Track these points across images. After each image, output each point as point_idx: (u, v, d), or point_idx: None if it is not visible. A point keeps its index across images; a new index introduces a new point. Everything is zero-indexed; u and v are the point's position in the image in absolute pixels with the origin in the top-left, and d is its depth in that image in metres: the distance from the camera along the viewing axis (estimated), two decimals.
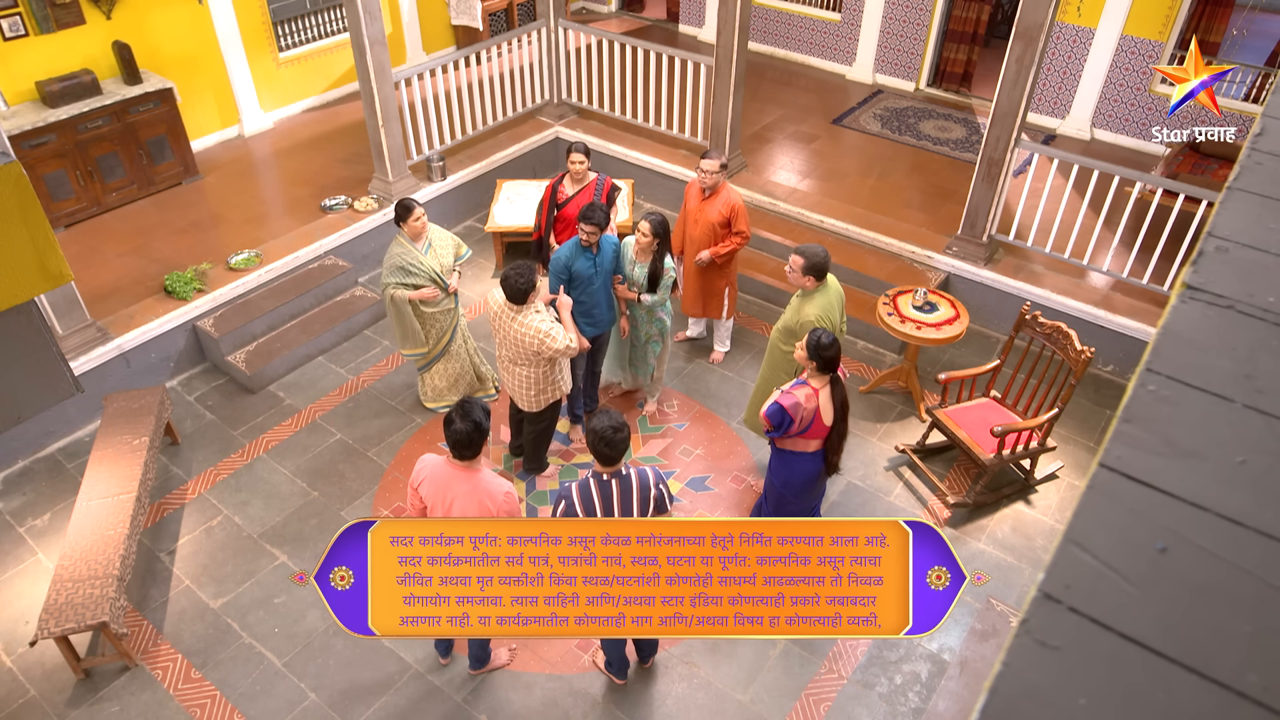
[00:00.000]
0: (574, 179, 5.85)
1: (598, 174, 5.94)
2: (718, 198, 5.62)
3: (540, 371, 4.82)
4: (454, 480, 3.57)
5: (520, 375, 4.86)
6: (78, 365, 5.49)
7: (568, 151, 5.84)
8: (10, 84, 6.72)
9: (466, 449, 3.51)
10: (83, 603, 4.19)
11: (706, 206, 5.64)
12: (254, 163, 8.04)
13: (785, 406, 4.12)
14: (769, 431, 4.26)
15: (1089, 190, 5.96)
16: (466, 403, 3.52)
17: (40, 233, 2.74)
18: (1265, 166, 1.24)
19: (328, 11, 8.79)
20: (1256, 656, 0.70)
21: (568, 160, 5.81)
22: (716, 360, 6.34)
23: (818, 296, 4.68)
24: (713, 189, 5.61)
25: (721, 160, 5.56)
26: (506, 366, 4.91)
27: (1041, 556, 4.96)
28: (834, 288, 4.78)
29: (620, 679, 4.35)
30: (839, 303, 4.78)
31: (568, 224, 5.84)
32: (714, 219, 5.62)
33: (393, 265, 5.20)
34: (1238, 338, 0.97)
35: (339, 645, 4.52)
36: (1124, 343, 6.07)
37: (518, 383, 4.90)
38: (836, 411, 4.18)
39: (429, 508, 3.67)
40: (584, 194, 5.82)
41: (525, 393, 4.92)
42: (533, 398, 4.94)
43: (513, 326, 4.65)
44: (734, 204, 5.61)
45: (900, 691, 4.37)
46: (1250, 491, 0.83)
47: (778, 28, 10.14)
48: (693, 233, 5.76)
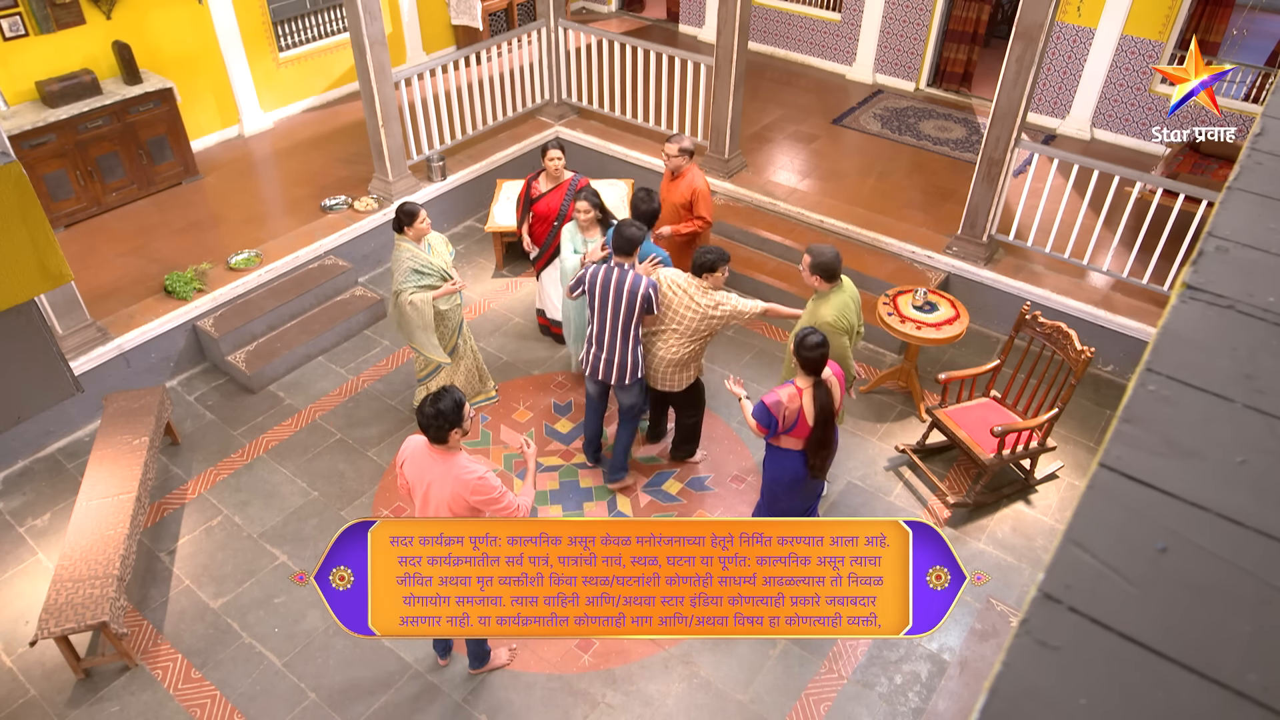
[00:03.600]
0: (549, 176, 5.87)
1: (574, 173, 5.96)
2: (682, 180, 5.76)
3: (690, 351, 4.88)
4: (431, 462, 3.63)
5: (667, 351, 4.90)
6: (78, 365, 5.49)
7: (544, 149, 5.86)
8: (10, 84, 6.73)
9: (432, 433, 3.56)
10: (83, 603, 4.19)
11: (672, 188, 5.82)
12: (254, 163, 8.04)
13: (768, 405, 4.13)
14: (763, 435, 4.27)
15: (1089, 190, 5.96)
16: (443, 391, 3.58)
17: (40, 233, 2.73)
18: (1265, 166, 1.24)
19: (328, 11, 8.79)
20: (1256, 656, 0.70)
21: (544, 159, 5.81)
22: None
23: (833, 298, 4.59)
24: (678, 171, 5.75)
25: (683, 144, 5.68)
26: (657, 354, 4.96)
27: (1041, 556, 4.96)
28: (849, 289, 4.71)
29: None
30: (855, 305, 4.71)
31: (540, 219, 5.88)
32: (678, 201, 5.78)
33: (406, 270, 5.11)
34: (1238, 338, 0.97)
35: (339, 645, 4.52)
36: (1124, 343, 6.07)
37: (663, 365, 4.96)
38: (817, 415, 4.13)
39: (410, 486, 3.76)
40: (557, 192, 5.83)
41: (669, 373, 4.97)
42: (675, 376, 5.00)
43: (688, 304, 4.74)
44: (696, 188, 5.72)
45: (900, 691, 4.37)
46: (1250, 491, 0.83)
47: (778, 28, 10.14)
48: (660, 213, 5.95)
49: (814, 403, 4.12)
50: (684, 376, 5.02)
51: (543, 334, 6.55)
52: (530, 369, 6.31)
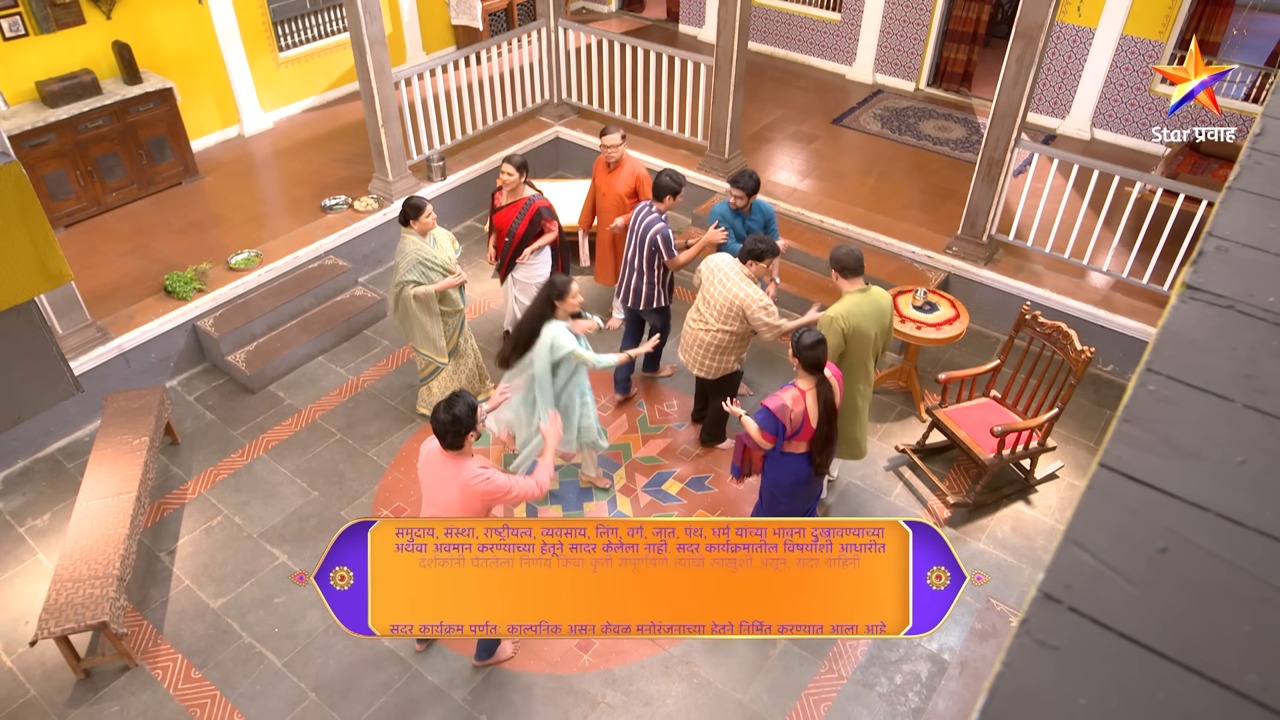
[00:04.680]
0: (508, 191, 5.67)
1: (536, 192, 5.73)
2: (623, 170, 5.92)
3: (723, 339, 4.96)
4: (443, 466, 3.67)
5: (703, 330, 4.99)
6: (78, 365, 5.50)
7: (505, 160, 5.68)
8: (10, 84, 6.73)
9: (449, 439, 3.59)
10: (83, 603, 4.19)
11: (614, 179, 5.94)
12: (254, 163, 8.04)
13: (772, 410, 4.11)
14: (771, 445, 4.20)
15: (1089, 190, 5.96)
16: (455, 395, 3.60)
17: (40, 233, 2.73)
18: (1265, 166, 1.24)
19: (328, 11, 8.79)
20: (1256, 656, 0.70)
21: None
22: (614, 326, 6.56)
23: (848, 298, 4.53)
24: (617, 162, 5.90)
25: (621, 133, 5.87)
26: (693, 331, 5.07)
27: (1041, 556, 4.96)
28: (875, 298, 4.56)
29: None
30: (874, 313, 4.53)
31: (498, 232, 5.76)
32: (622, 190, 5.92)
33: (411, 262, 5.11)
34: (1238, 338, 0.97)
35: (339, 645, 4.52)
36: (1124, 343, 6.07)
37: (700, 350, 5.05)
38: (821, 413, 4.13)
39: (423, 490, 3.81)
40: (512, 208, 5.66)
41: (701, 355, 5.07)
42: (708, 362, 5.08)
43: (726, 286, 4.83)
44: (639, 174, 5.94)
45: (900, 691, 4.37)
46: (1250, 491, 0.83)
47: (778, 28, 10.14)
48: (603, 205, 6.08)
49: (818, 401, 4.11)
50: (715, 364, 5.10)
51: None
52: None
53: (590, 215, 6.27)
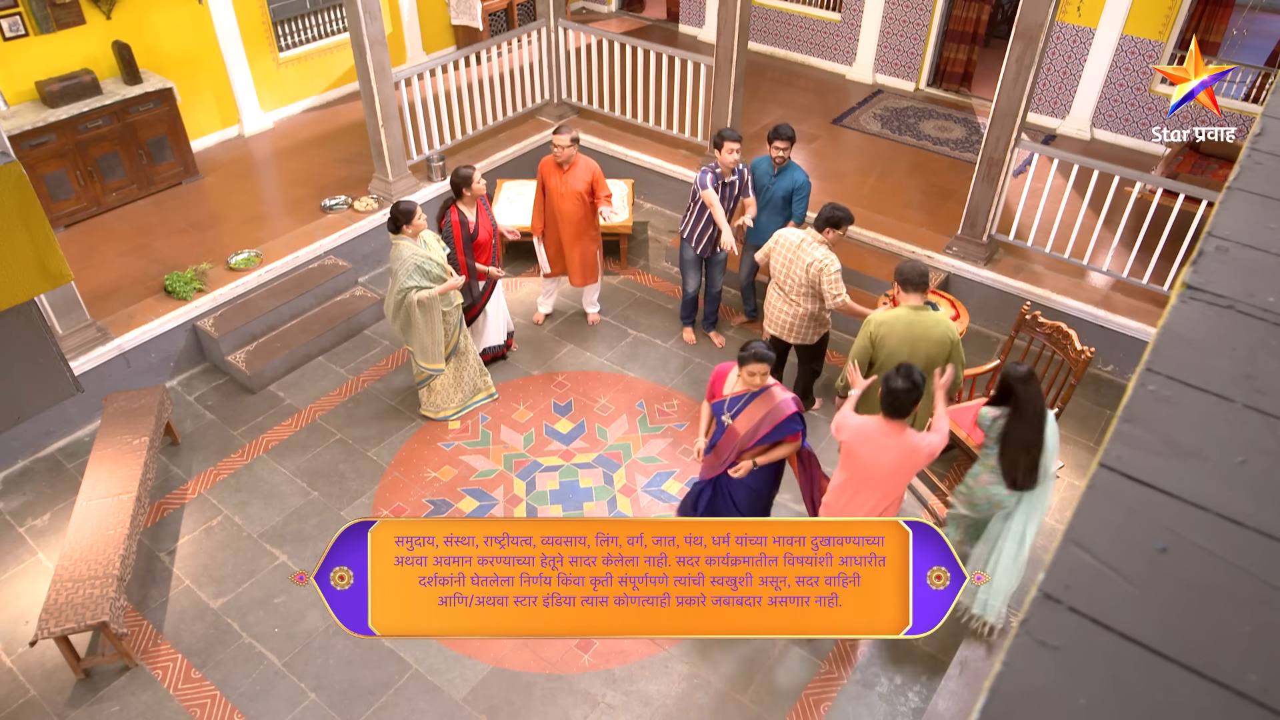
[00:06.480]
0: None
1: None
2: (577, 169, 5.96)
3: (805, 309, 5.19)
4: (886, 435, 3.85)
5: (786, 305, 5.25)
6: (78, 365, 5.49)
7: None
8: (10, 84, 6.73)
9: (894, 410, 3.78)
10: (83, 603, 4.19)
11: (569, 178, 5.96)
12: (254, 163, 8.04)
13: (800, 411, 4.15)
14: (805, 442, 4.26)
15: (1089, 190, 5.96)
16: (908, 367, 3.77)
17: (40, 233, 2.74)
18: (1265, 166, 1.24)
19: (328, 11, 8.79)
20: (1256, 656, 0.70)
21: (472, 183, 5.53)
22: (595, 321, 6.71)
23: (897, 310, 4.46)
24: (568, 162, 5.91)
25: (573, 134, 5.86)
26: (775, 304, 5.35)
27: (1041, 556, 4.96)
28: (920, 321, 4.40)
29: None
30: (908, 335, 4.38)
31: (479, 250, 5.68)
32: (580, 188, 5.97)
33: (410, 268, 5.08)
34: (1238, 338, 0.97)
35: (339, 645, 4.52)
36: (1124, 343, 6.07)
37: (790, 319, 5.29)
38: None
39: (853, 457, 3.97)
40: (483, 220, 5.63)
41: (798, 327, 5.31)
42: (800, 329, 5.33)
43: (801, 258, 5.00)
44: (595, 171, 6.00)
45: (900, 691, 4.37)
46: (1250, 491, 0.83)
47: (778, 28, 10.14)
48: (562, 206, 6.05)
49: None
50: (811, 330, 5.34)
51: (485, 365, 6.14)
52: (530, 368, 6.31)
53: (542, 220, 6.19)
